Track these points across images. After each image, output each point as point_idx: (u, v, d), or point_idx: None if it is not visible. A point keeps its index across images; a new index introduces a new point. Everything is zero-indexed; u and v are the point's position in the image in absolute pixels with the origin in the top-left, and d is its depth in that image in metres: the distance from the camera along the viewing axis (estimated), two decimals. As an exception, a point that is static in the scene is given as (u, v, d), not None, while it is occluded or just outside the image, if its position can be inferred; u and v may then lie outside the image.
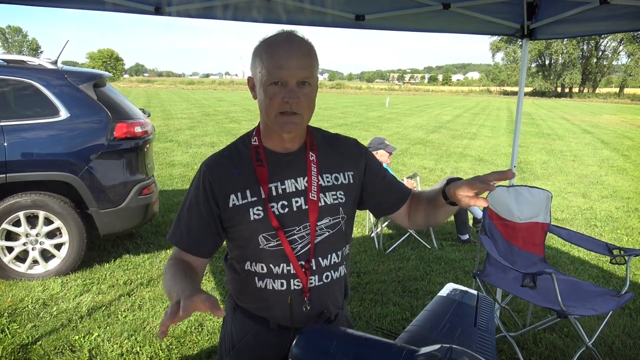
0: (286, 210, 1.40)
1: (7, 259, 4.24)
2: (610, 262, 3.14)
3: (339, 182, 1.49)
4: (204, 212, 1.41)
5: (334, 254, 1.47)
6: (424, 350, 1.24)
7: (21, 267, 4.30)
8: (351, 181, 1.51)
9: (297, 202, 1.41)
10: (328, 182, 1.47)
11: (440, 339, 1.49)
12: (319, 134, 1.54)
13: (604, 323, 2.97)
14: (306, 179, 1.43)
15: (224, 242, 1.51)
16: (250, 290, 1.46)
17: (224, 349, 1.56)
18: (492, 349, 1.56)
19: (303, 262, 1.41)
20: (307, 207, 1.41)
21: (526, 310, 3.78)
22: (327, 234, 1.45)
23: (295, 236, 1.41)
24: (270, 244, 1.40)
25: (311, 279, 1.43)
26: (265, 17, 3.11)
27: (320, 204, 1.43)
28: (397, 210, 1.59)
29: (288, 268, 1.41)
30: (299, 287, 1.42)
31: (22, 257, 4.32)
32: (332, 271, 1.47)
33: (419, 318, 1.72)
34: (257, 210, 1.39)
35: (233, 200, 1.39)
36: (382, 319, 3.70)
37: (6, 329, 3.41)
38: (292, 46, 1.30)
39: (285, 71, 1.28)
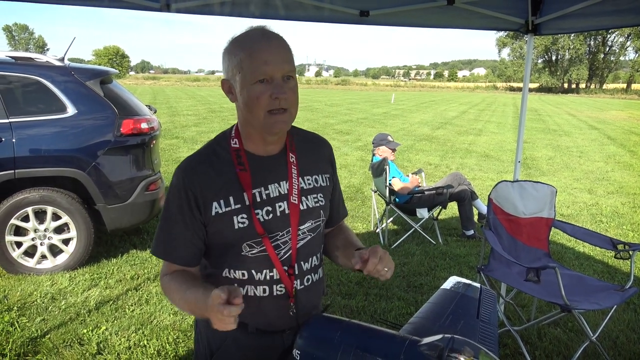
0: (270, 216, 1.37)
1: (16, 253, 4.29)
2: (615, 257, 3.14)
3: (319, 185, 1.48)
4: (189, 221, 1.36)
5: (314, 257, 1.47)
6: (427, 340, 1.26)
7: (30, 262, 4.35)
8: (328, 183, 1.51)
9: (280, 206, 1.38)
10: (309, 184, 1.45)
11: (443, 331, 1.51)
12: (297, 134, 1.50)
13: (608, 317, 2.98)
14: (288, 182, 1.41)
15: None
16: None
17: (200, 353, 1.53)
18: (494, 340, 1.58)
19: (287, 268, 1.39)
20: (289, 211, 1.39)
21: (530, 304, 3.79)
22: (309, 237, 1.44)
23: (279, 241, 1.38)
24: (254, 251, 1.37)
25: (294, 284, 1.41)
26: (270, 13, 3.11)
27: (301, 207, 1.41)
28: (328, 227, 1.60)
29: (271, 274, 1.39)
30: (282, 292, 1.40)
31: (30, 252, 4.38)
32: (312, 274, 1.47)
33: (422, 310, 1.74)
34: (242, 218, 1.34)
35: (216, 207, 1.34)
36: (386, 314, 3.72)
37: (15, 323, 3.46)
38: (271, 41, 1.28)
39: (270, 66, 1.25)
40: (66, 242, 4.42)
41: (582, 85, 76.51)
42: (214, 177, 1.35)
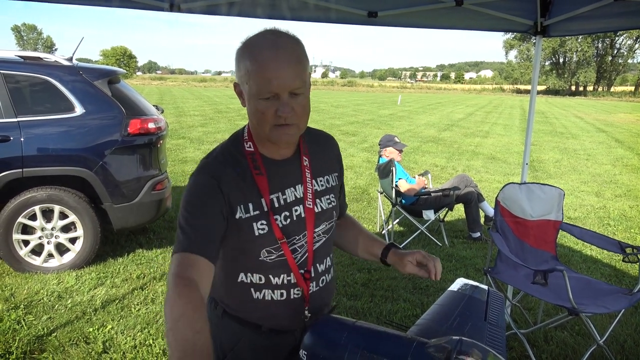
0: (288, 221, 1.35)
1: (23, 252, 4.31)
2: (623, 261, 3.11)
3: (330, 185, 1.48)
4: (216, 216, 1.27)
5: (327, 258, 1.48)
6: (434, 342, 1.25)
7: (37, 261, 4.37)
8: (336, 182, 1.52)
9: (296, 210, 1.37)
10: (322, 186, 1.45)
11: (450, 333, 1.50)
12: (308, 134, 1.47)
13: (615, 321, 2.95)
14: (303, 185, 1.39)
15: None
16: (245, 301, 1.39)
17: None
18: (502, 343, 1.56)
19: (303, 271, 1.39)
20: (305, 215, 1.38)
21: (537, 307, 3.77)
22: (324, 239, 1.44)
23: (296, 245, 1.38)
24: (272, 256, 1.35)
25: (310, 286, 1.41)
26: (277, 13, 3.11)
27: (316, 210, 1.41)
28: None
29: (288, 278, 1.38)
30: (299, 296, 1.40)
31: (37, 251, 4.40)
32: (326, 274, 1.47)
33: (429, 312, 1.73)
34: (261, 224, 1.32)
35: (239, 212, 1.31)
36: (392, 315, 3.71)
37: (22, 321, 3.48)
38: (279, 54, 1.20)
39: (275, 84, 1.19)
40: (73, 241, 4.44)
41: (590, 88, 76.13)
42: (238, 181, 1.31)
